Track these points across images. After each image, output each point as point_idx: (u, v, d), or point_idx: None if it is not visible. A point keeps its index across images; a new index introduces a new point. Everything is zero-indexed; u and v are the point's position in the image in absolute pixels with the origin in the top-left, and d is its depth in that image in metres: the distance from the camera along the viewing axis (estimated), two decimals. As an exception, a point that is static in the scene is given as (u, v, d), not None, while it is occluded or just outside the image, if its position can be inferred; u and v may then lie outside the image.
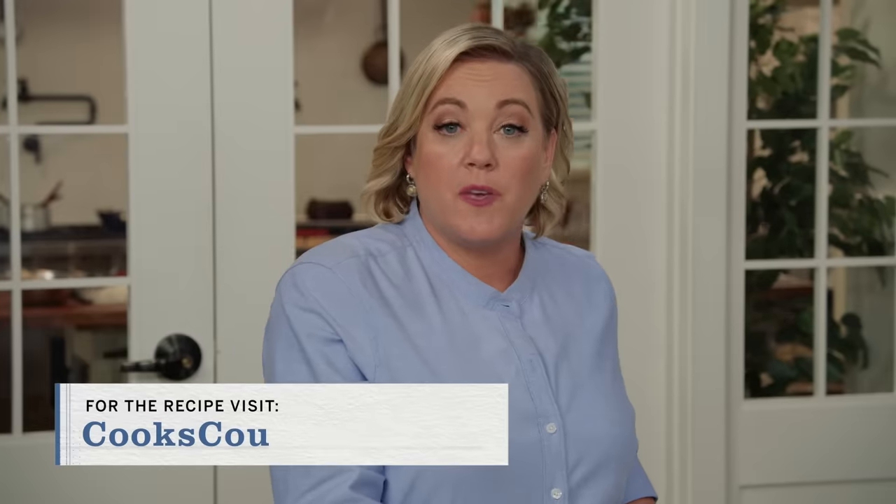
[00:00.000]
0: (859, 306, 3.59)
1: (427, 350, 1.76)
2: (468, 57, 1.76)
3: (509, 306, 1.81)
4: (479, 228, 1.76)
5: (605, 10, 2.95)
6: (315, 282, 1.76)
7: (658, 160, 3.00)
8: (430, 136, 1.76)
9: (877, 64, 3.44)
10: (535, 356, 1.80)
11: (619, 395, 1.89)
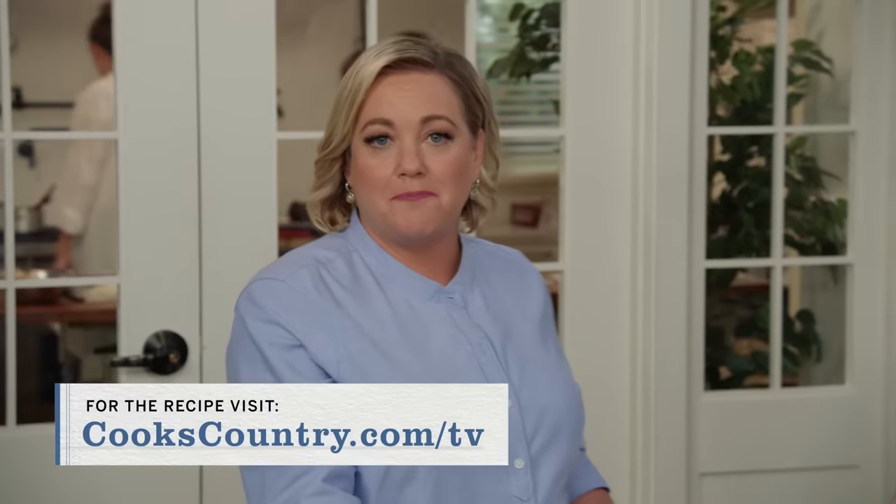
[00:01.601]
0: (813, 303, 3.61)
1: (383, 343, 1.77)
2: (392, 70, 1.78)
3: (453, 298, 1.84)
4: (415, 221, 1.78)
5: (573, 22, 2.95)
6: (271, 294, 1.77)
7: (623, 164, 3.01)
8: (363, 149, 1.79)
9: (830, 73, 3.45)
10: (484, 340, 1.82)
11: (565, 372, 1.92)
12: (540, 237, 6.04)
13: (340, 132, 1.79)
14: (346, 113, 1.78)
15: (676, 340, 3.02)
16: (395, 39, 1.80)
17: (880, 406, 3.17)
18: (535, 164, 6.29)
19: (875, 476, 3.17)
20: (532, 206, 6.46)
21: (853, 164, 3.17)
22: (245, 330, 1.78)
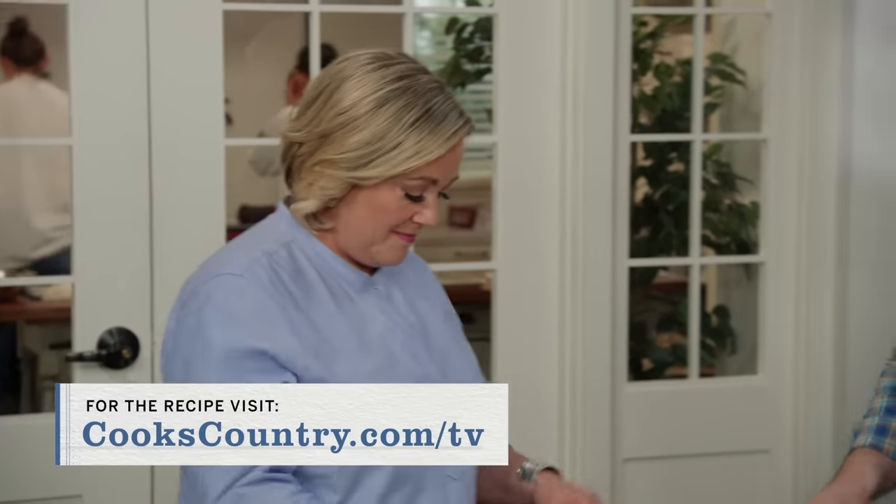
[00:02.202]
0: (728, 299, 3.62)
1: (334, 334, 1.75)
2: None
3: (379, 289, 1.83)
4: (401, 257, 1.81)
5: (505, 35, 2.95)
6: (232, 292, 1.72)
7: (551, 169, 3.01)
8: (397, 192, 1.74)
9: (743, 84, 3.47)
10: (412, 329, 1.83)
11: (473, 356, 1.93)
12: (476, 238, 6.03)
13: (383, 174, 1.72)
14: (395, 165, 1.72)
15: (601, 334, 3.02)
16: (451, 106, 1.75)
17: (789, 395, 3.18)
18: (470, 169, 6.25)
19: (784, 460, 3.18)
20: (468, 209, 6.45)
21: (765, 169, 3.18)
22: (201, 332, 1.72)
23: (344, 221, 1.78)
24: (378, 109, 1.72)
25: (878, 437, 2.06)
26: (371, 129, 1.72)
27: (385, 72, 1.74)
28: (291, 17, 4.99)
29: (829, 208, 3.13)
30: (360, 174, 1.73)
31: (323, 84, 1.77)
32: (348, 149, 1.72)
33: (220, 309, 1.71)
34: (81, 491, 2.70)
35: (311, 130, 1.75)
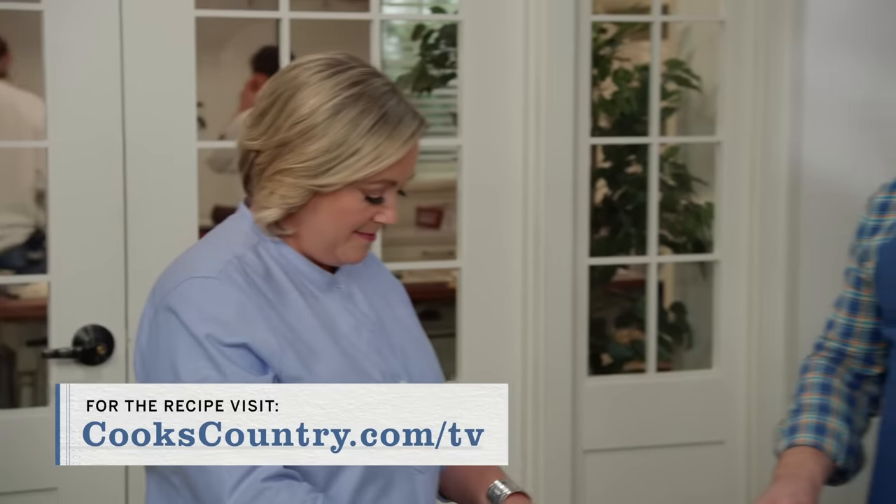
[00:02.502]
0: (685, 296, 3.63)
1: (306, 332, 1.73)
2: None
3: (341, 288, 1.81)
4: (362, 256, 1.79)
5: (469, 41, 2.95)
6: (208, 293, 1.69)
7: (514, 171, 3.01)
8: (357, 195, 1.72)
9: (699, 89, 3.48)
10: (374, 325, 1.82)
11: (430, 348, 1.92)
12: (442, 238, 6.02)
13: (343, 180, 1.70)
14: (354, 171, 1.70)
15: (563, 330, 3.02)
16: (405, 108, 1.73)
17: (742, 388, 3.19)
18: (437, 171, 6.28)
19: (738, 450, 3.20)
20: (435, 210, 6.45)
21: (719, 171, 3.19)
22: (183, 328, 1.69)
23: (306, 226, 1.76)
24: (335, 117, 1.69)
25: (817, 436, 2.06)
26: (329, 136, 1.69)
27: (339, 78, 1.71)
28: (264, 24, 4.97)
29: (780, 209, 3.15)
30: (321, 182, 1.70)
31: (277, 92, 1.73)
32: (307, 157, 1.70)
33: (199, 310, 1.68)
34: (57, 484, 2.68)
35: (268, 139, 1.72)
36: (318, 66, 1.73)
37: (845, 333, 2.17)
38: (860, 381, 2.16)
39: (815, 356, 2.20)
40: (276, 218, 1.74)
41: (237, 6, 4.82)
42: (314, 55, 1.77)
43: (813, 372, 2.17)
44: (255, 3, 5.51)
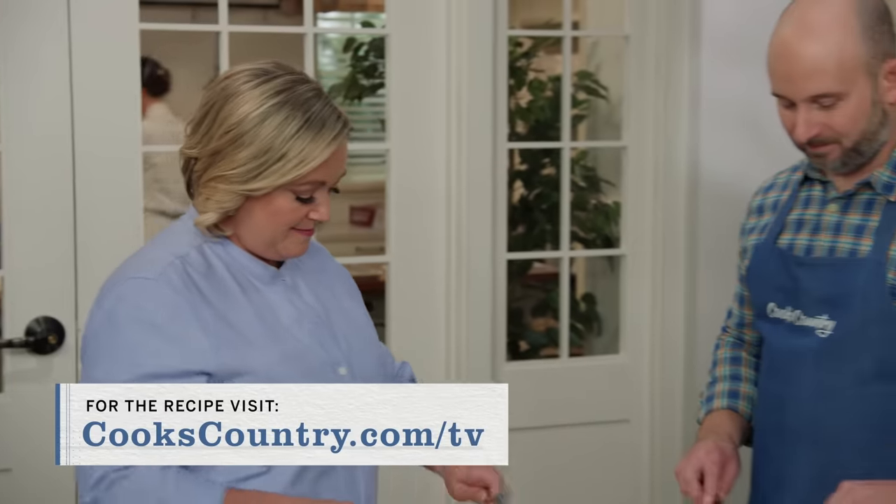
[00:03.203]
0: (595, 287, 3.64)
1: (244, 325, 1.71)
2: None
3: (286, 281, 1.79)
4: (302, 250, 1.76)
5: (396, 53, 2.95)
6: (145, 294, 1.66)
7: (438, 173, 3.00)
8: (288, 195, 1.70)
9: (606, 99, 3.49)
10: (317, 318, 1.79)
11: (375, 336, 1.90)
12: (374, 235, 6.02)
13: (273, 183, 1.68)
14: (283, 174, 1.67)
15: (483, 319, 3.02)
16: (329, 111, 1.70)
17: (646, 371, 3.21)
18: (369, 173, 6.27)
19: (643, 428, 3.22)
20: (367, 209, 6.44)
21: (625, 173, 3.20)
22: (115, 326, 1.66)
23: (244, 227, 1.74)
24: (262, 124, 1.67)
25: (731, 400, 2.09)
26: (257, 143, 1.66)
27: (266, 86, 1.69)
28: (206, 34, 4.96)
29: (679, 207, 3.17)
30: (251, 186, 1.68)
31: (210, 102, 1.71)
32: (238, 164, 1.67)
33: (136, 309, 1.66)
34: (11, 465, 2.65)
35: (203, 147, 1.70)
36: (247, 76, 1.71)
37: (739, 324, 2.19)
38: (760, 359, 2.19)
39: (724, 335, 2.23)
40: (213, 221, 1.72)
41: (182, 19, 4.79)
42: (244, 65, 1.74)
43: (723, 348, 2.19)
44: (198, 16, 5.46)
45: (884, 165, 1.89)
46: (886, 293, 1.84)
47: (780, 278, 1.97)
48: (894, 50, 1.85)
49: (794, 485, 1.95)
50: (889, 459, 1.86)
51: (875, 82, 1.83)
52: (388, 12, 2.95)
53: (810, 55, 1.81)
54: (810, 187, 2.00)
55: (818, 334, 1.90)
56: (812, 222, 1.96)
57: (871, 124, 1.85)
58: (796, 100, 1.85)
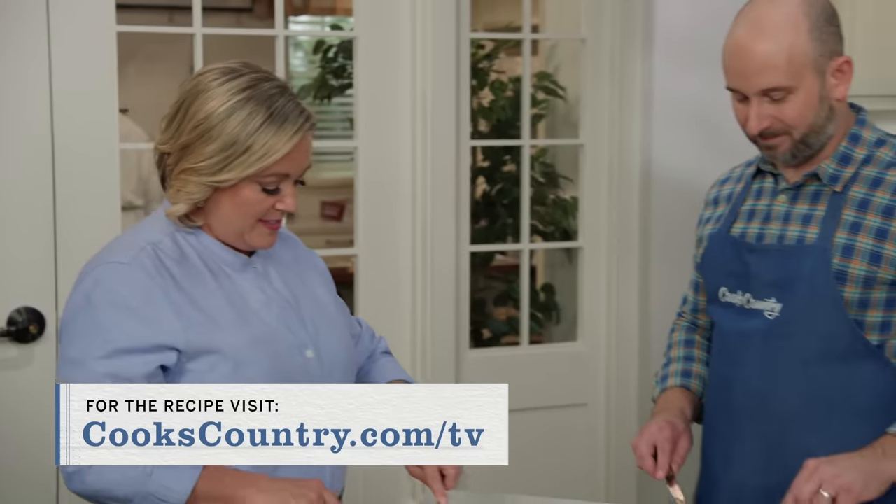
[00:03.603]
0: (554, 278, 3.64)
1: (214, 310, 1.71)
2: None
3: (256, 268, 1.79)
4: (271, 242, 1.77)
5: (364, 55, 2.95)
6: (119, 278, 1.67)
7: (404, 169, 3.00)
8: (254, 187, 1.70)
9: (564, 99, 3.49)
10: (285, 303, 1.80)
11: (345, 322, 1.89)
12: (344, 228, 6.00)
13: (238, 175, 1.68)
14: (247, 166, 1.68)
15: (447, 309, 3.03)
16: (293, 106, 1.70)
17: (603, 358, 3.23)
18: (339, 169, 6.26)
19: (599, 411, 3.24)
20: (337, 203, 6.42)
21: (582, 169, 3.22)
22: (91, 308, 1.66)
23: (214, 218, 1.75)
24: (228, 119, 1.68)
25: (684, 379, 2.11)
26: (223, 137, 1.68)
27: (232, 84, 1.70)
28: (181, 37, 4.94)
29: (633, 202, 3.18)
30: (218, 178, 1.69)
31: (181, 99, 1.73)
32: (205, 157, 1.69)
33: (110, 293, 1.66)
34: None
35: (174, 142, 1.72)
36: (215, 75, 1.72)
37: (694, 310, 2.21)
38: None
39: (679, 321, 2.24)
40: (184, 212, 1.73)
41: (160, 22, 4.75)
42: (214, 64, 1.75)
43: (678, 332, 2.21)
44: (175, 19, 5.42)
45: (830, 158, 1.92)
46: (831, 277, 1.87)
47: (733, 264, 1.99)
48: (840, 49, 1.89)
49: (742, 460, 1.97)
50: (832, 434, 1.88)
51: (823, 79, 1.87)
52: (356, 16, 2.95)
53: (762, 52, 1.84)
54: (762, 179, 2.03)
55: (766, 316, 1.93)
56: (763, 212, 1.99)
57: (819, 118, 1.88)
58: (749, 94, 1.88)
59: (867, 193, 1.89)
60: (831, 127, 1.90)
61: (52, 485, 2.64)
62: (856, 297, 1.87)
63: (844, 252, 1.87)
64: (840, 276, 1.87)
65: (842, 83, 1.88)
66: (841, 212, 1.89)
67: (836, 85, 1.88)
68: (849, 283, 1.87)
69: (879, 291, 1.87)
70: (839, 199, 1.90)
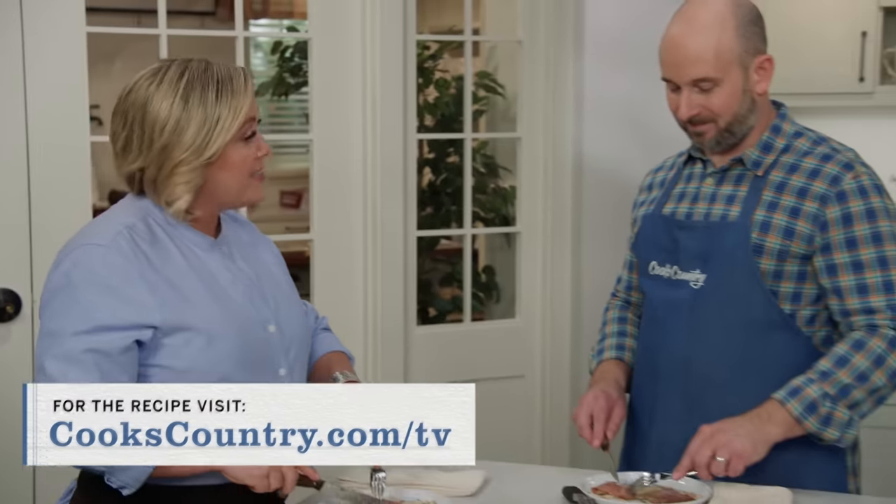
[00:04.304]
0: (494, 260, 3.66)
1: (187, 288, 1.70)
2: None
3: (222, 249, 1.78)
4: (262, 194, 1.76)
5: (318, 55, 2.94)
6: (98, 259, 1.65)
7: (356, 161, 3.00)
8: (236, 146, 1.70)
9: (503, 95, 3.50)
10: (250, 281, 1.79)
11: (297, 300, 1.90)
12: (302, 216, 5.97)
13: (223, 142, 1.68)
14: (229, 124, 1.68)
15: (396, 289, 3.03)
16: (226, 69, 1.71)
17: (538, 333, 3.25)
18: (296, 161, 6.23)
19: (535, 382, 3.26)
20: (295, 193, 6.39)
21: (519, 160, 3.23)
22: (71, 287, 1.64)
23: (213, 192, 1.73)
24: (188, 105, 1.67)
25: (619, 351, 2.14)
26: (194, 120, 1.67)
27: (167, 78, 1.69)
28: (148, 38, 4.90)
29: (566, 190, 3.20)
30: (207, 154, 1.68)
31: (127, 118, 1.71)
32: (188, 145, 1.68)
33: (90, 273, 1.64)
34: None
35: (146, 155, 1.69)
36: (147, 81, 1.70)
37: (627, 287, 2.23)
38: None
39: (613, 300, 2.26)
40: (188, 202, 1.71)
41: (127, 24, 4.70)
42: (135, 77, 1.73)
43: (612, 310, 2.24)
44: (143, 22, 5.36)
45: (754, 146, 1.98)
46: (750, 251, 1.92)
47: (663, 240, 2.03)
48: (764, 49, 1.95)
49: (665, 418, 2.01)
50: (748, 395, 1.92)
51: (746, 74, 1.92)
52: (310, 19, 2.94)
53: (694, 46, 1.90)
54: (692, 165, 2.07)
55: (692, 286, 1.97)
56: (692, 193, 2.03)
57: (742, 109, 1.94)
58: (681, 83, 1.93)
59: (784, 177, 1.94)
60: (752, 118, 1.96)
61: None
62: (771, 268, 1.92)
63: (762, 228, 1.92)
64: (757, 249, 1.92)
65: (763, 79, 1.94)
66: (761, 192, 1.95)
67: (758, 80, 1.94)
68: (765, 256, 1.91)
69: (791, 264, 1.92)
70: (760, 181, 1.96)
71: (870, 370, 1.86)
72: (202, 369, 1.64)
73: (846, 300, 1.91)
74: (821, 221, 1.90)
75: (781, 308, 1.93)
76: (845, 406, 1.86)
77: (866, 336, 1.88)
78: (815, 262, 1.92)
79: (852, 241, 1.90)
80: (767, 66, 1.94)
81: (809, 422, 1.85)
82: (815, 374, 1.87)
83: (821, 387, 1.85)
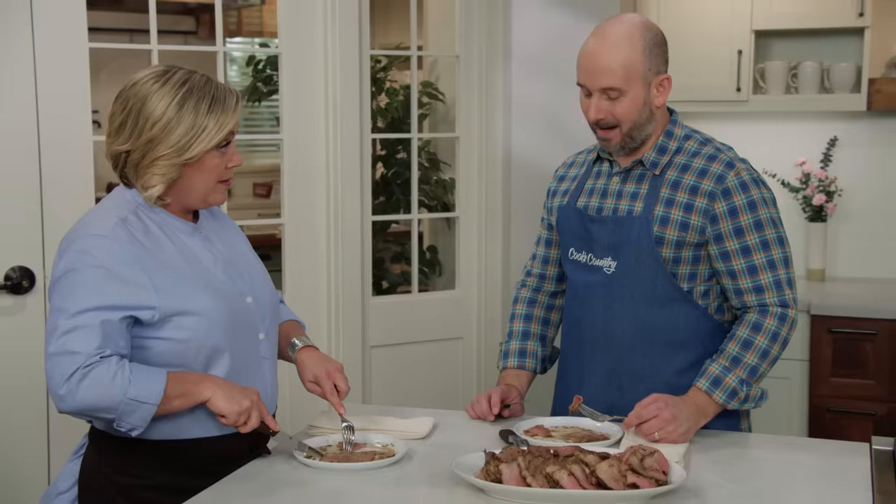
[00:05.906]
0: (437, 241, 3.67)
1: (179, 269, 1.69)
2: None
3: (202, 234, 1.77)
4: (225, 197, 1.76)
5: (287, 67, 2.93)
6: (101, 248, 1.62)
7: (320, 157, 2.99)
8: (212, 154, 1.69)
9: (443, 102, 3.51)
10: (227, 260, 1.78)
11: (267, 275, 1.89)
12: (272, 204, 5.95)
13: (203, 149, 1.66)
14: (212, 135, 1.66)
15: (354, 266, 3.03)
16: (223, 88, 1.69)
17: (475, 301, 3.25)
18: (267, 157, 6.20)
19: (472, 343, 3.27)
20: (266, 185, 6.36)
21: (458, 156, 3.24)
22: (78, 272, 1.60)
23: (182, 188, 1.72)
24: (181, 109, 1.66)
25: (520, 359, 2.13)
26: (183, 124, 1.66)
27: (171, 82, 1.67)
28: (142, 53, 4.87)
29: (497, 181, 3.22)
30: (187, 156, 1.67)
31: (127, 105, 1.68)
32: (172, 144, 1.66)
33: (93, 260, 1.61)
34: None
35: (135, 141, 1.67)
36: (152, 80, 1.68)
37: (544, 262, 2.19)
38: (555, 298, 2.20)
39: (522, 290, 2.21)
40: (161, 192, 1.70)
41: (122, 41, 4.65)
42: (143, 71, 1.71)
43: (520, 304, 2.20)
44: (135, 39, 5.30)
45: (651, 149, 1.98)
46: (652, 241, 1.94)
47: (578, 230, 2.04)
48: (664, 69, 1.95)
49: (590, 380, 2.03)
50: (657, 359, 1.96)
51: (648, 89, 1.92)
52: (280, 37, 2.94)
53: (606, 58, 1.89)
54: (600, 165, 2.07)
55: (605, 271, 1.99)
56: (601, 190, 2.03)
57: (641, 118, 1.94)
58: (592, 90, 1.93)
59: (678, 176, 1.96)
60: (650, 126, 1.96)
61: (43, 410, 2.60)
62: (671, 255, 1.94)
63: (662, 222, 1.94)
64: (659, 240, 1.94)
65: (661, 94, 1.94)
66: (659, 190, 1.95)
67: (657, 95, 1.94)
68: (665, 246, 1.94)
69: (687, 251, 1.94)
70: (658, 180, 1.97)
71: (769, 346, 1.89)
72: (199, 339, 1.65)
73: (739, 280, 1.92)
74: (710, 215, 1.91)
75: (680, 286, 1.95)
76: (756, 382, 1.89)
77: (760, 318, 1.90)
78: (709, 250, 1.93)
79: (739, 230, 1.91)
80: (666, 84, 1.94)
81: (732, 404, 1.88)
82: (728, 361, 1.88)
83: (737, 374, 1.87)
